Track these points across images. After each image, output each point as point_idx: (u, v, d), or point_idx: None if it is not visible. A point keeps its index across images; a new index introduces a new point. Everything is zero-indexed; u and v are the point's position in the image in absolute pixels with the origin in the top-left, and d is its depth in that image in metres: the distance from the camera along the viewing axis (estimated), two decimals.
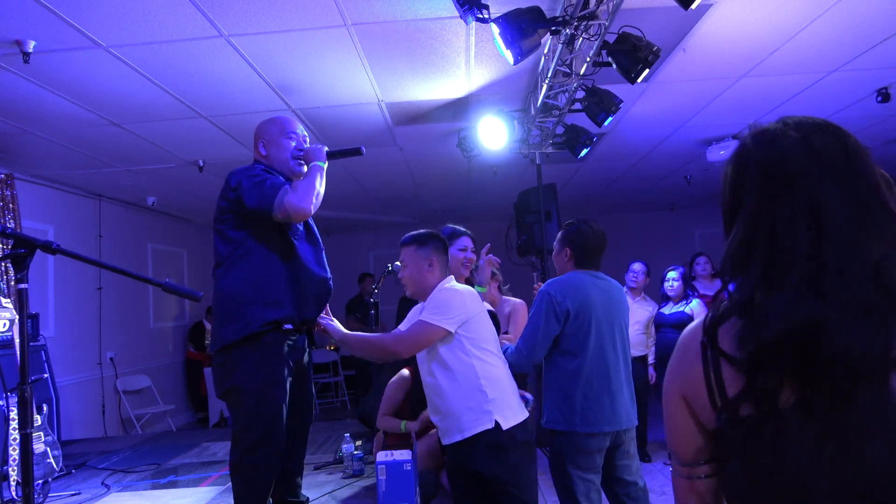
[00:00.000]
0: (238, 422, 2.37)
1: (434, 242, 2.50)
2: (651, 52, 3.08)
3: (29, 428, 1.55)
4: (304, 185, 2.35)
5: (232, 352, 2.33)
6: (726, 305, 0.89)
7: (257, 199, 2.31)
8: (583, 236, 2.73)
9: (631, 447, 2.70)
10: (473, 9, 2.76)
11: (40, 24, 2.99)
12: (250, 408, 2.32)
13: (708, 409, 0.90)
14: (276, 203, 2.29)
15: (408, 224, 10.07)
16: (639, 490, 2.67)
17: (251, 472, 2.30)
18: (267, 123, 2.62)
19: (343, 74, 3.87)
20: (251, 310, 2.32)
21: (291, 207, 2.28)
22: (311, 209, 2.34)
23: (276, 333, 2.37)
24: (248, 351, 2.32)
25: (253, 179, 2.35)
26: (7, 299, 4.23)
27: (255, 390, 2.32)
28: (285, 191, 2.31)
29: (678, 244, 10.11)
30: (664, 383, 1.00)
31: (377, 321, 4.75)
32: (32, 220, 5.66)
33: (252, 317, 2.31)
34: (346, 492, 3.30)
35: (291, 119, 2.66)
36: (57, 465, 3.73)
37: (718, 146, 5.84)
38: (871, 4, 3.28)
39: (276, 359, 2.37)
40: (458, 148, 5.32)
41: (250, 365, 2.32)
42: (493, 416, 2.21)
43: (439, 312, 2.28)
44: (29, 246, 1.59)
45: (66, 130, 4.56)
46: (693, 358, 0.92)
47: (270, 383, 2.34)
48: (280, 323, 2.37)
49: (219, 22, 3.11)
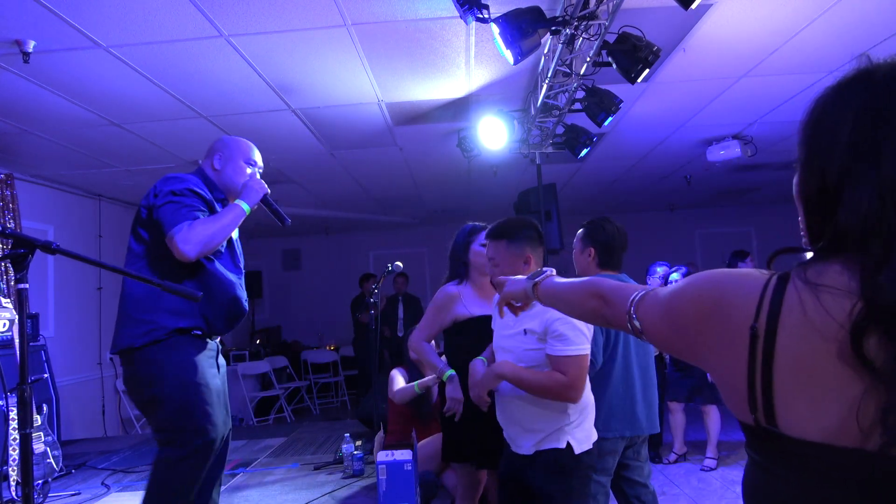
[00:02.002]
0: (155, 427, 2.25)
1: (528, 233, 2.16)
2: (651, 52, 3.07)
3: (29, 428, 1.55)
4: (205, 229, 2.25)
5: (143, 358, 2.22)
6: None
7: (164, 217, 2.24)
8: (608, 234, 2.61)
9: (643, 449, 2.68)
10: (473, 9, 2.75)
11: (40, 24, 2.99)
12: (171, 414, 2.20)
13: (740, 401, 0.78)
14: (170, 233, 2.21)
15: (408, 224, 10.07)
16: (648, 493, 2.65)
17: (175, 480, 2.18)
18: (233, 141, 2.55)
19: (343, 74, 3.87)
20: (155, 316, 2.23)
21: (176, 246, 2.20)
22: (193, 258, 2.22)
23: (185, 337, 2.28)
24: (160, 355, 2.22)
25: (174, 197, 2.27)
26: (7, 299, 4.23)
27: (172, 395, 2.20)
28: (184, 227, 2.21)
29: (678, 244, 10.11)
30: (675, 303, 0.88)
31: (377, 321, 4.75)
32: (32, 220, 5.65)
33: (156, 323, 2.23)
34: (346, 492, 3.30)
35: (257, 150, 2.60)
36: (57, 465, 3.73)
37: (718, 146, 5.84)
38: (871, 4, 3.28)
39: (193, 360, 2.27)
40: (458, 148, 5.32)
41: (165, 369, 2.21)
42: (566, 438, 2.08)
43: (581, 335, 1.99)
44: (28, 246, 1.59)
45: (66, 130, 4.56)
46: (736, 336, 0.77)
47: (186, 384, 2.22)
48: (187, 330, 2.28)
49: (219, 22, 3.11)
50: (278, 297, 10.49)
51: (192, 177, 2.40)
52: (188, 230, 2.21)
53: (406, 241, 10.41)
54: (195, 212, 2.28)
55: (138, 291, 2.28)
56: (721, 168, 6.80)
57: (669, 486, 4.15)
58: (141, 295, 2.28)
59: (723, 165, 6.41)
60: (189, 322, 2.28)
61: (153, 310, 2.25)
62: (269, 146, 5.34)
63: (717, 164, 6.24)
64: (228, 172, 2.49)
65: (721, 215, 10.30)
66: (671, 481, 4.27)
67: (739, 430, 0.83)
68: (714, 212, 10.34)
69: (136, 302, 2.27)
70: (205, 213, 2.31)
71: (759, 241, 10.06)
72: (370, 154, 5.79)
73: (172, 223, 2.22)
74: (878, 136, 0.71)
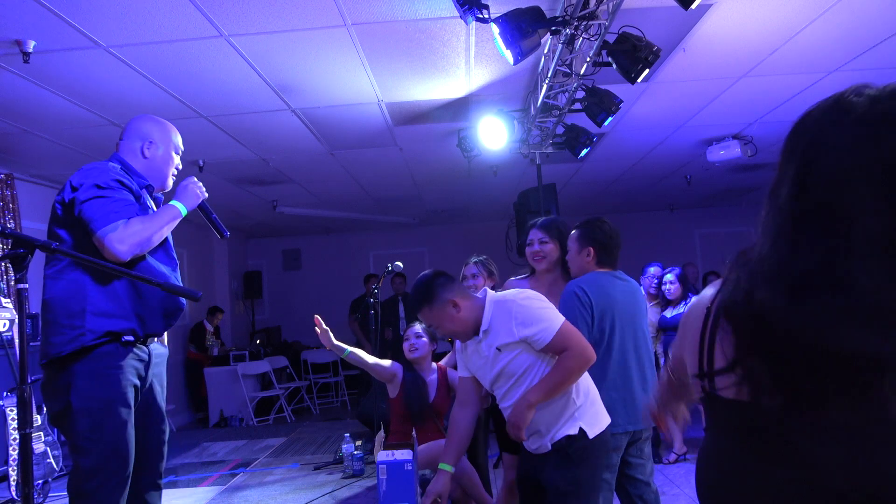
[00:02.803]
0: (72, 445, 2.07)
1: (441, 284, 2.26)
2: (651, 52, 3.07)
3: (29, 428, 1.55)
4: (143, 230, 2.08)
5: (64, 367, 2.04)
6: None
7: (91, 214, 2.04)
8: (605, 234, 2.64)
9: (646, 447, 2.67)
10: (473, 9, 2.75)
11: (40, 24, 2.99)
12: (86, 430, 2.02)
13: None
14: (100, 232, 2.02)
15: (408, 224, 10.07)
16: (651, 492, 2.64)
17: (89, 500, 2.03)
18: (159, 125, 2.37)
19: (343, 74, 3.87)
20: (82, 320, 2.05)
21: (107, 246, 2.01)
22: (126, 259, 2.05)
23: (114, 345, 2.09)
24: (81, 365, 2.04)
25: (101, 191, 2.07)
26: (7, 299, 4.24)
27: (90, 409, 2.03)
28: (119, 225, 2.03)
29: (678, 244, 10.12)
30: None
31: (377, 321, 4.75)
32: (32, 220, 5.65)
33: (84, 328, 2.04)
34: (346, 492, 3.30)
35: (178, 133, 2.45)
36: (57, 465, 3.73)
37: (718, 146, 5.84)
38: (871, 4, 3.28)
39: (115, 373, 2.08)
40: (458, 148, 5.32)
41: (84, 381, 2.03)
42: (578, 423, 2.12)
43: (544, 308, 2.17)
44: (28, 246, 1.59)
45: (66, 130, 4.56)
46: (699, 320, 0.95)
47: (109, 401, 2.05)
48: (118, 334, 2.10)
49: (219, 22, 3.11)
50: (278, 297, 10.49)
51: (112, 165, 2.22)
52: (123, 229, 2.03)
53: (406, 241, 10.42)
54: (128, 207, 2.10)
55: (62, 293, 2.08)
56: (721, 168, 6.80)
57: (669, 486, 4.15)
58: (64, 296, 2.07)
59: (723, 165, 6.41)
60: (121, 325, 2.10)
61: (76, 313, 2.05)
62: (269, 146, 5.34)
63: (717, 164, 6.24)
64: (160, 162, 2.34)
65: (721, 215, 10.30)
66: (671, 481, 4.27)
67: None
68: (714, 212, 10.34)
69: (61, 304, 2.07)
70: (135, 207, 2.15)
71: None
72: (370, 154, 5.79)
73: (103, 221, 2.02)
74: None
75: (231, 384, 7.63)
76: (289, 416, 7.68)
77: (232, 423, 7.52)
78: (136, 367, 2.15)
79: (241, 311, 9.80)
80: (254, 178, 6.43)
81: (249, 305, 9.76)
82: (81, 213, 2.05)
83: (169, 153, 2.36)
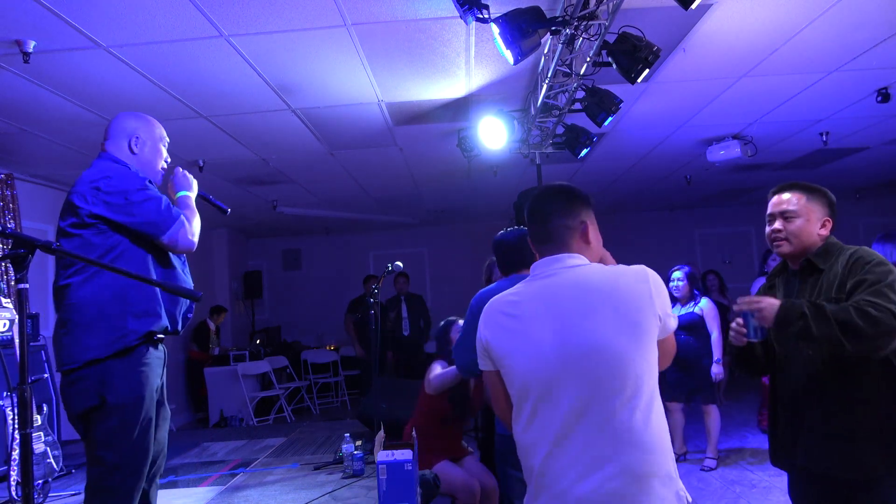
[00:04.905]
0: (98, 441, 2.13)
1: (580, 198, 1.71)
2: (651, 52, 3.07)
3: (29, 428, 1.55)
4: (196, 222, 2.32)
5: (98, 366, 2.10)
6: None
7: (149, 221, 2.18)
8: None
9: None
10: (473, 9, 2.75)
11: (40, 24, 2.99)
12: (116, 426, 2.11)
13: None
14: (169, 234, 2.21)
15: (408, 224, 10.07)
16: None
17: (111, 495, 2.10)
18: (142, 121, 2.41)
19: (343, 74, 3.88)
20: (124, 321, 2.12)
21: (184, 245, 2.25)
22: (194, 249, 2.31)
23: (147, 345, 2.21)
24: (119, 364, 2.12)
25: (145, 194, 2.20)
26: (7, 299, 4.24)
27: (123, 406, 2.11)
28: (181, 223, 2.23)
29: (678, 244, 10.12)
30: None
31: (377, 321, 4.75)
32: (32, 220, 5.65)
33: (126, 328, 2.12)
34: (346, 492, 3.30)
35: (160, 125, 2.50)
36: (57, 465, 3.73)
37: (718, 146, 5.84)
38: (871, 4, 3.28)
39: (147, 372, 2.19)
40: (458, 148, 5.32)
41: (120, 380, 2.12)
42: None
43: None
44: (28, 246, 1.59)
45: (66, 130, 4.56)
46: None
47: (140, 398, 2.15)
48: (154, 333, 2.21)
49: (219, 22, 3.11)
50: (278, 297, 10.49)
51: (117, 166, 2.29)
52: (189, 225, 2.26)
53: (406, 241, 10.42)
54: (170, 205, 2.27)
55: (94, 296, 2.12)
56: (721, 168, 6.81)
57: None
58: (98, 299, 2.12)
59: (723, 165, 6.41)
60: (159, 324, 2.21)
61: (117, 315, 2.12)
62: (269, 146, 5.34)
63: (717, 164, 6.25)
64: (148, 157, 2.40)
65: (721, 215, 10.30)
66: None
67: (739, 430, 0.89)
68: (714, 212, 10.35)
69: (95, 306, 2.12)
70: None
71: (759, 241, 10.06)
72: (370, 154, 5.79)
73: (167, 224, 2.21)
74: None
75: (231, 384, 7.63)
76: (289, 416, 7.68)
77: (232, 423, 7.52)
78: (159, 366, 2.28)
79: (241, 311, 9.80)
80: (254, 178, 6.43)
81: (249, 305, 9.75)
82: (138, 220, 2.17)
83: (157, 146, 2.44)
